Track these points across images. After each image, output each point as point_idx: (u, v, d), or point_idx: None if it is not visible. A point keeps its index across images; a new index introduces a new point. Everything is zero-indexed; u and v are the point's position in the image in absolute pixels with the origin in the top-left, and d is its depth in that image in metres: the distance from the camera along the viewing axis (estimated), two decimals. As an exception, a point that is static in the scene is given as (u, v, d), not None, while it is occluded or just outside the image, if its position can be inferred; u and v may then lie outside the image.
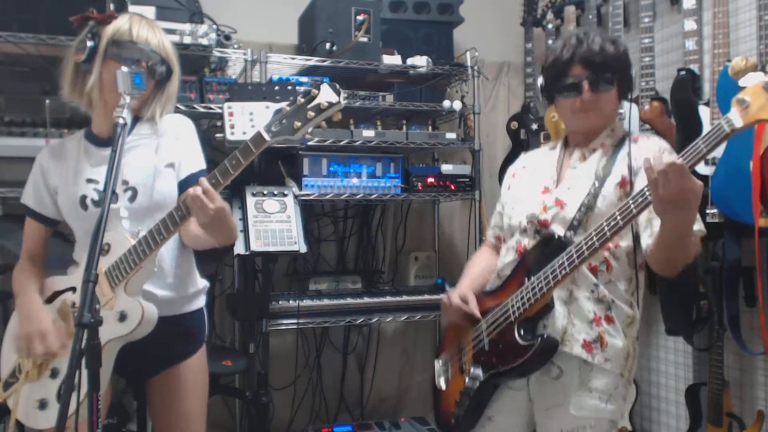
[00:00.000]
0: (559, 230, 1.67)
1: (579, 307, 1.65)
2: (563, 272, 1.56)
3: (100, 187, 1.72)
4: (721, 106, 2.17)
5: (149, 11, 2.46)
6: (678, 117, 2.36)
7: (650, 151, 1.67)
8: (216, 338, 3.04)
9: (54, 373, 1.69)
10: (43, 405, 1.67)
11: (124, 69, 1.61)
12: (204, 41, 2.59)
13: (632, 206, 1.47)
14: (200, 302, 1.91)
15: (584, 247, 1.53)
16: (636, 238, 1.67)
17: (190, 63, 2.66)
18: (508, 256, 1.80)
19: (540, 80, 1.81)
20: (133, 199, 1.75)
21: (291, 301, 2.76)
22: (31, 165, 1.88)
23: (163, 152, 1.80)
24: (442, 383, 1.86)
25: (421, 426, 3.05)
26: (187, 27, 2.56)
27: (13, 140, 2.38)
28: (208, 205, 1.52)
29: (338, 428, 3.01)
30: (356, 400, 3.39)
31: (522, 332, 1.63)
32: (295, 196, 2.57)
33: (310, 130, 1.54)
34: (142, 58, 1.71)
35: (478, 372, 1.71)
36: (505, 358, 1.65)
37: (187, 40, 2.55)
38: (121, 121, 1.55)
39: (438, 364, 1.90)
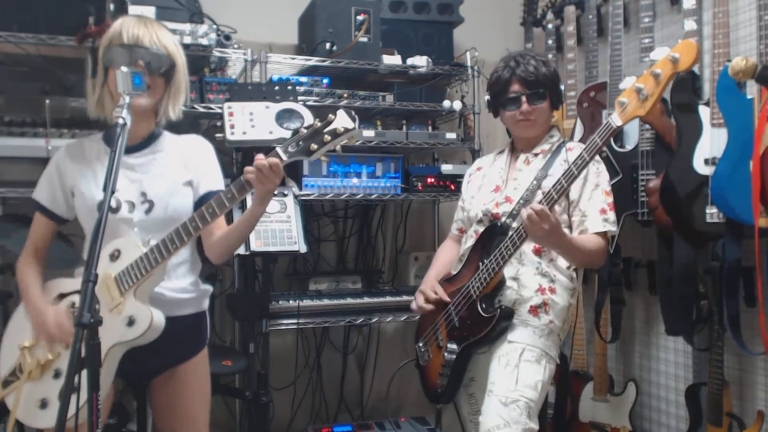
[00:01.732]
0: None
1: (526, 281, 2.00)
2: (508, 253, 1.91)
3: (120, 195, 1.76)
4: (721, 106, 2.17)
5: (149, 11, 2.46)
6: (678, 117, 2.36)
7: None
8: (216, 338, 3.04)
9: (57, 374, 1.70)
10: (44, 404, 1.69)
11: (124, 69, 1.62)
12: (204, 41, 2.59)
13: (544, 202, 1.85)
14: (205, 305, 1.94)
15: (522, 232, 1.87)
16: (568, 226, 2.03)
17: (190, 63, 2.63)
18: (468, 242, 2.15)
19: (486, 96, 2.16)
20: (149, 211, 1.78)
21: (291, 301, 2.76)
22: (32, 165, 1.89)
23: (182, 170, 1.85)
24: (425, 360, 2.16)
25: (421, 426, 3.05)
26: (187, 27, 2.56)
27: (13, 140, 2.37)
28: (272, 178, 1.60)
29: (338, 428, 3.01)
30: (356, 400, 3.39)
31: (484, 306, 1.97)
32: (295, 196, 2.57)
33: (325, 153, 1.61)
34: (136, 57, 1.71)
35: (454, 346, 2.02)
36: (474, 329, 1.98)
37: (187, 40, 2.55)
38: (120, 121, 1.55)
39: (419, 345, 2.19)
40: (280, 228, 2.44)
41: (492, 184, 2.16)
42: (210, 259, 1.88)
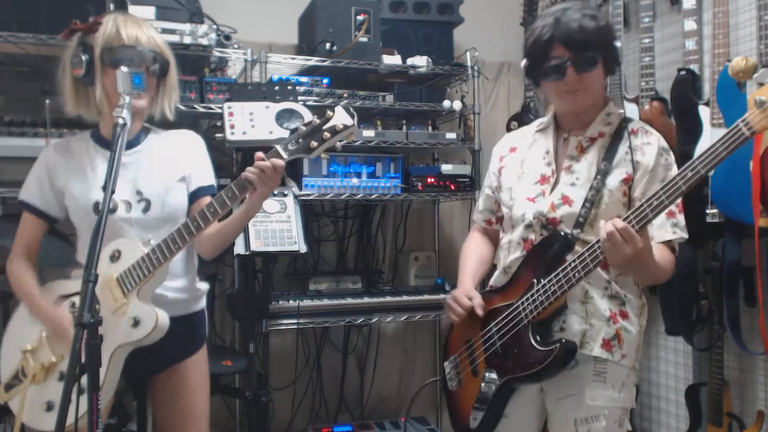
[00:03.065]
0: (566, 227, 1.66)
1: (595, 306, 1.65)
2: (577, 276, 1.55)
3: (115, 195, 1.72)
4: (721, 106, 2.17)
5: (149, 11, 2.46)
6: (678, 117, 2.36)
7: (651, 150, 1.67)
8: (216, 338, 3.04)
9: (62, 377, 1.70)
10: (50, 407, 1.69)
11: (124, 69, 1.62)
12: (204, 41, 2.59)
13: (634, 221, 1.46)
14: (203, 303, 1.95)
15: (598, 251, 1.51)
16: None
17: (190, 63, 2.66)
18: (514, 252, 1.76)
19: (523, 62, 1.74)
20: (146, 210, 1.78)
21: (291, 301, 2.76)
22: (31, 165, 1.88)
23: (176, 166, 1.85)
24: (454, 385, 1.83)
25: (421, 426, 3.05)
26: (187, 27, 2.56)
27: (13, 140, 2.37)
28: (274, 178, 1.60)
29: (338, 428, 3.01)
30: (356, 400, 3.39)
31: (538, 337, 1.62)
32: (295, 196, 2.56)
33: (324, 150, 1.60)
34: (137, 58, 1.71)
35: (494, 376, 1.69)
36: (522, 363, 1.63)
37: (187, 40, 2.55)
38: (120, 121, 1.55)
39: (448, 367, 1.86)
40: (280, 228, 2.44)
41: (535, 173, 1.76)
42: (201, 254, 1.88)
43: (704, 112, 2.27)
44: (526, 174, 1.78)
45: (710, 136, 2.22)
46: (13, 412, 1.74)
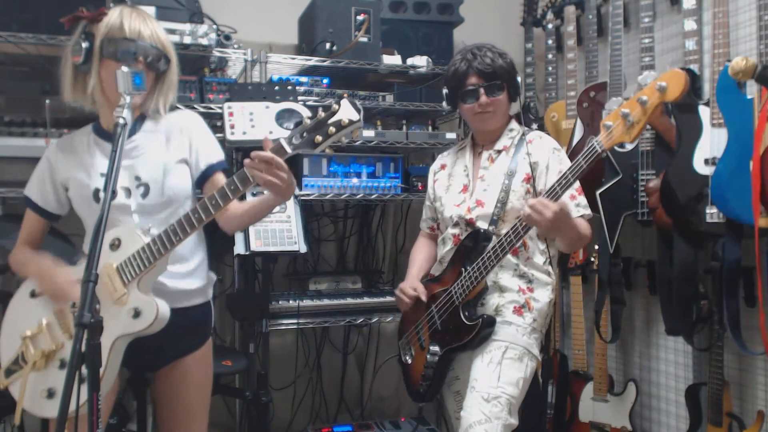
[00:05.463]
0: (483, 225, 2.05)
1: (506, 284, 2.04)
2: (491, 264, 1.95)
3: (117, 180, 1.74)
4: (721, 106, 2.17)
5: (149, 11, 2.45)
6: (678, 117, 2.36)
7: (543, 151, 2.06)
8: (216, 338, 3.04)
9: (62, 364, 1.70)
10: (51, 394, 1.69)
11: (124, 69, 1.61)
12: (204, 41, 2.59)
13: (519, 227, 1.91)
14: (208, 295, 1.92)
15: (505, 243, 1.93)
16: None
17: (190, 63, 2.66)
18: (446, 246, 2.15)
19: (444, 90, 2.15)
20: (145, 195, 1.77)
21: (291, 301, 2.76)
22: (32, 165, 1.89)
23: (174, 149, 1.83)
24: (407, 359, 2.21)
25: (421, 426, 3.05)
26: (187, 27, 2.56)
27: (13, 140, 2.37)
28: (279, 173, 1.56)
29: (338, 428, 3.01)
30: (356, 400, 3.39)
31: (467, 314, 2.01)
32: (295, 196, 2.57)
33: (329, 145, 1.56)
34: (138, 52, 1.71)
35: (437, 348, 2.07)
36: (457, 336, 2.01)
37: (187, 40, 2.55)
38: (121, 121, 1.55)
39: (402, 344, 2.25)
40: (280, 228, 2.44)
41: (459, 184, 2.17)
42: (224, 229, 1.86)
43: (704, 112, 2.27)
44: (452, 186, 2.20)
45: (710, 136, 2.22)
46: (15, 399, 1.74)
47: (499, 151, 2.12)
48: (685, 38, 2.44)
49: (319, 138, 1.54)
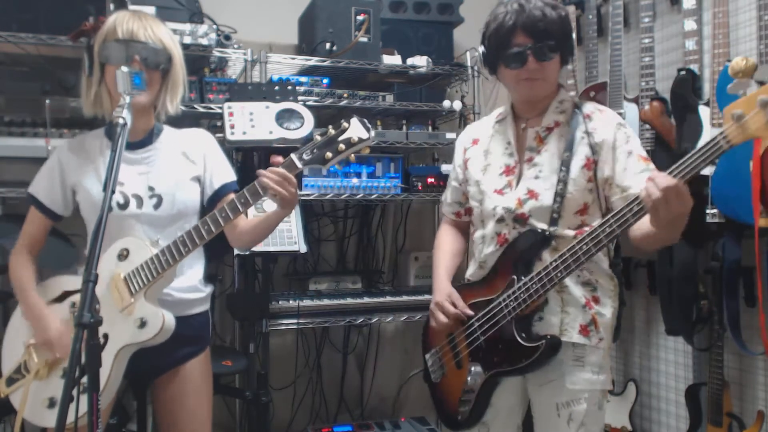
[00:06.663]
0: (537, 222, 1.70)
1: (571, 294, 1.70)
2: (559, 275, 1.60)
3: (126, 189, 1.76)
4: (721, 106, 2.17)
5: (149, 11, 2.45)
6: (678, 117, 2.36)
7: (607, 128, 1.70)
8: (216, 338, 3.04)
9: (65, 373, 1.69)
10: (52, 404, 1.70)
11: (124, 69, 1.62)
12: (204, 41, 2.59)
13: (629, 215, 1.50)
14: (207, 304, 1.94)
15: (580, 253, 1.57)
16: (605, 214, 1.67)
17: (190, 63, 2.65)
18: (488, 246, 1.79)
19: (481, 49, 1.78)
20: (157, 206, 1.79)
21: (291, 301, 2.76)
22: (32, 165, 1.89)
23: (190, 165, 1.86)
24: (437, 377, 1.89)
25: (421, 426, 3.05)
26: (187, 27, 2.56)
27: (13, 140, 2.37)
28: (287, 187, 1.60)
29: (338, 428, 3.01)
30: (356, 400, 3.39)
31: (524, 334, 1.67)
32: (296, 196, 2.56)
33: (338, 161, 1.61)
34: (132, 52, 1.71)
35: (479, 369, 1.74)
36: (509, 358, 1.69)
37: (187, 40, 2.55)
38: (121, 121, 1.55)
39: (430, 360, 1.92)
40: (280, 228, 2.43)
41: (500, 164, 1.80)
42: (235, 247, 1.90)
43: (704, 112, 2.27)
44: (491, 166, 1.82)
45: (710, 136, 2.22)
46: (15, 407, 1.74)
47: (549, 129, 1.75)
48: (685, 38, 2.44)
49: (329, 155, 1.59)
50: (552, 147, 1.73)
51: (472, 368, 1.75)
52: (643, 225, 1.53)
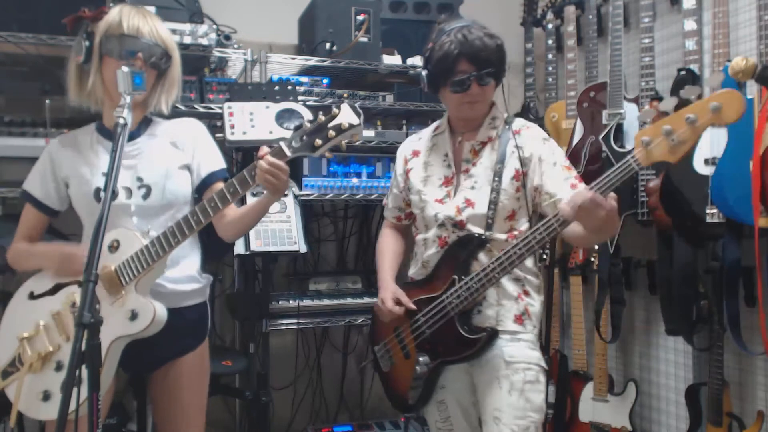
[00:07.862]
0: (474, 227, 1.88)
1: (504, 289, 1.88)
2: (497, 276, 1.78)
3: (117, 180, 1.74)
4: (721, 106, 2.17)
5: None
6: (678, 117, 2.36)
7: (535, 143, 1.89)
8: (216, 338, 3.04)
9: (59, 366, 1.70)
10: (46, 397, 1.69)
11: (125, 69, 1.61)
12: (204, 41, 2.59)
13: (556, 225, 1.68)
14: (204, 296, 1.92)
15: (515, 257, 1.74)
16: (531, 218, 1.90)
17: (190, 63, 2.66)
18: (430, 248, 1.96)
19: (424, 73, 1.95)
20: (146, 196, 1.78)
21: (291, 301, 2.76)
22: (31, 165, 1.89)
23: (178, 154, 1.85)
24: (387, 366, 2.04)
25: (421, 426, 3.05)
26: (187, 27, 2.56)
27: (13, 140, 2.38)
28: (277, 175, 1.59)
29: (338, 428, 3.01)
30: (356, 400, 3.39)
31: (465, 327, 1.85)
32: (295, 196, 2.57)
33: (329, 149, 1.58)
34: (136, 49, 1.71)
35: (426, 359, 1.92)
36: (454, 349, 1.87)
37: (187, 40, 2.55)
38: (121, 121, 1.55)
39: (379, 351, 2.06)
40: (280, 228, 2.44)
41: (440, 176, 1.96)
42: (223, 238, 1.88)
43: (704, 112, 2.27)
44: (431, 177, 1.99)
45: (710, 136, 2.22)
46: (10, 400, 1.74)
47: (483, 143, 1.93)
48: (685, 38, 2.44)
49: (318, 141, 1.56)
50: (486, 159, 1.91)
51: (420, 358, 1.92)
52: (577, 228, 1.69)
